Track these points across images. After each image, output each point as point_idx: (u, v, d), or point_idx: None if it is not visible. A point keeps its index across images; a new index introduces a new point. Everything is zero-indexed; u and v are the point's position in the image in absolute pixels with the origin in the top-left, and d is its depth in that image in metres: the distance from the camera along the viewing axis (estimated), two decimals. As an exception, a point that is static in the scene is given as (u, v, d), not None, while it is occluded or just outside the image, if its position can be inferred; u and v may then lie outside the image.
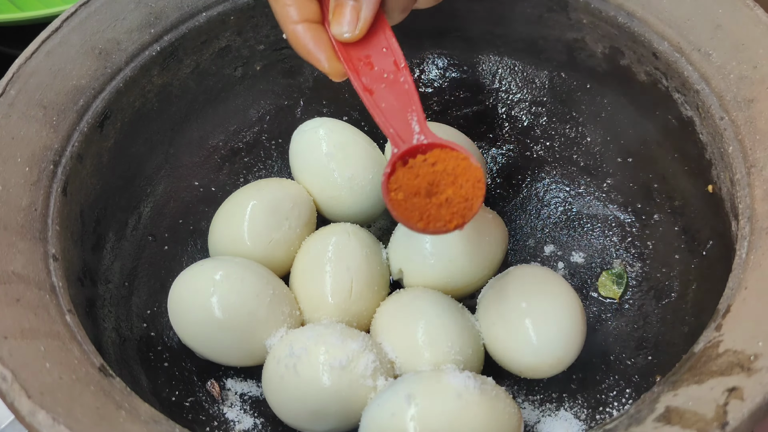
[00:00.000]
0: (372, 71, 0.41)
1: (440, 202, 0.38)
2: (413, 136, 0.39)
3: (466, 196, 0.38)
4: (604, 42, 0.53)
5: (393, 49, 0.41)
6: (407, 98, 0.40)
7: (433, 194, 0.38)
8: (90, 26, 0.49)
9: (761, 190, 0.41)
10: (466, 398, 0.41)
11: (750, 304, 0.37)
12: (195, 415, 0.47)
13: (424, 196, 0.38)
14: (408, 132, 0.39)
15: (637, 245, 0.53)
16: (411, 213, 0.38)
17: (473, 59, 0.60)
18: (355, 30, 0.40)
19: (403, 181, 0.38)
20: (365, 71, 0.41)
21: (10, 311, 0.38)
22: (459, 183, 0.38)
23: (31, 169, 0.44)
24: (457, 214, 0.38)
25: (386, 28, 0.41)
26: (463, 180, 0.38)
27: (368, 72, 0.41)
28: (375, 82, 0.41)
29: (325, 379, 0.43)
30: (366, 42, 0.41)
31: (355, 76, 0.41)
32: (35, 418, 0.34)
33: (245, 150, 0.59)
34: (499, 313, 0.47)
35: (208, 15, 0.53)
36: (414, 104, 0.40)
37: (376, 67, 0.41)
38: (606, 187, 0.56)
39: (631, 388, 0.48)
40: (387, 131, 0.39)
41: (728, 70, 0.45)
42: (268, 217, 0.51)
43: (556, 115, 0.58)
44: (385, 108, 0.40)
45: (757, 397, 0.33)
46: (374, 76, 0.41)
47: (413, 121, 0.39)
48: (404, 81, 0.40)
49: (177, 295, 0.48)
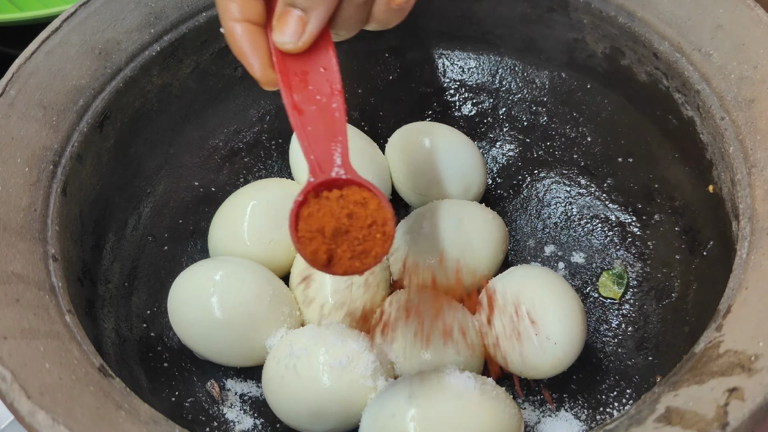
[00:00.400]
0: (305, 89, 0.38)
1: (344, 245, 0.36)
2: (333, 168, 0.37)
3: (371, 244, 0.36)
4: (604, 42, 0.53)
5: (331, 71, 0.39)
6: (335, 127, 0.38)
7: (339, 235, 0.36)
8: (90, 26, 0.49)
9: (762, 191, 0.41)
10: (467, 399, 0.41)
11: (751, 304, 0.37)
12: (195, 415, 0.47)
13: (330, 237, 0.36)
14: (329, 162, 0.37)
15: (637, 245, 0.53)
16: (315, 250, 0.36)
17: (473, 59, 0.60)
18: (298, 41, 0.38)
19: (314, 215, 0.36)
20: (298, 88, 0.38)
21: (10, 311, 0.38)
22: (368, 228, 0.36)
23: (31, 170, 0.44)
24: (359, 259, 0.37)
25: (329, 47, 0.39)
26: (372, 227, 0.36)
27: (301, 89, 0.38)
28: (306, 102, 0.38)
29: (325, 379, 0.43)
30: (306, 57, 0.39)
31: (286, 91, 0.38)
32: (35, 419, 0.34)
33: (245, 150, 0.59)
34: (499, 313, 0.47)
35: (208, 15, 0.53)
36: (341, 134, 0.38)
37: (311, 86, 0.38)
38: (606, 187, 0.56)
39: (632, 388, 0.48)
40: (308, 157, 0.37)
41: (729, 70, 0.45)
42: (268, 217, 0.51)
43: (557, 115, 0.58)
44: (311, 132, 0.37)
45: (757, 397, 0.33)
46: (307, 96, 0.38)
47: (336, 152, 0.37)
48: (336, 108, 0.38)
49: (177, 295, 0.48)
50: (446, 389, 0.41)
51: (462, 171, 0.54)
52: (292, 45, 0.38)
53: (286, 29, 0.38)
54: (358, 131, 0.56)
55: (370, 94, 0.60)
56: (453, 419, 0.40)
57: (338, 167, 0.37)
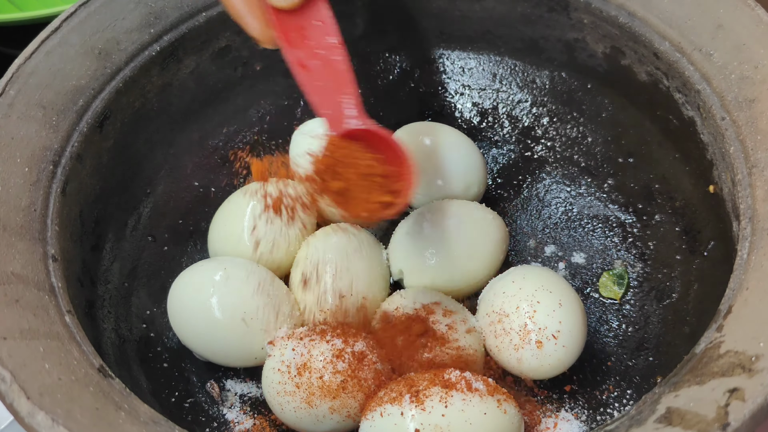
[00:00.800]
0: (305, 45, 0.38)
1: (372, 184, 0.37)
2: (349, 120, 0.37)
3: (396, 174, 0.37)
4: (605, 42, 0.53)
5: (327, 23, 0.38)
6: (343, 79, 0.37)
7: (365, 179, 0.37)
8: (89, 26, 0.49)
9: (763, 191, 0.41)
10: (467, 399, 0.41)
11: (751, 304, 0.37)
12: (195, 416, 0.47)
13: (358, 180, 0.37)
14: (343, 114, 0.37)
15: (638, 246, 0.53)
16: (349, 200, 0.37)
17: (473, 59, 0.60)
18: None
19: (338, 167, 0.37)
20: (298, 43, 0.38)
21: (10, 312, 0.38)
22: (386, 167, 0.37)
23: (31, 170, 0.44)
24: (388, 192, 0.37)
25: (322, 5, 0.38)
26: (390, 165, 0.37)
27: (301, 45, 0.38)
28: (309, 58, 0.38)
29: (326, 379, 0.43)
30: (300, 12, 0.38)
31: (288, 48, 0.38)
32: (34, 419, 0.34)
33: (245, 150, 0.59)
34: (499, 314, 0.47)
35: (208, 15, 0.53)
36: (350, 86, 0.37)
37: (310, 41, 0.38)
38: (607, 187, 0.56)
39: (632, 389, 0.48)
40: (321, 113, 0.37)
41: (729, 70, 0.45)
42: (267, 217, 0.51)
43: (557, 115, 0.58)
44: (321, 87, 0.37)
45: (758, 398, 0.33)
46: (308, 51, 0.38)
47: (349, 103, 0.37)
48: (340, 60, 0.37)
49: (176, 295, 0.48)
50: (446, 390, 0.41)
51: (462, 171, 0.54)
52: (286, 2, 0.38)
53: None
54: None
55: (370, 94, 0.60)
56: (453, 420, 0.40)
57: (354, 119, 0.37)
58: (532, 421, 0.47)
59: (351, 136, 0.37)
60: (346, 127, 0.37)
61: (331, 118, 0.37)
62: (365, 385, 0.44)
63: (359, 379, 0.43)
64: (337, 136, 0.37)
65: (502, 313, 0.47)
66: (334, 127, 0.37)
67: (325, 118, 0.37)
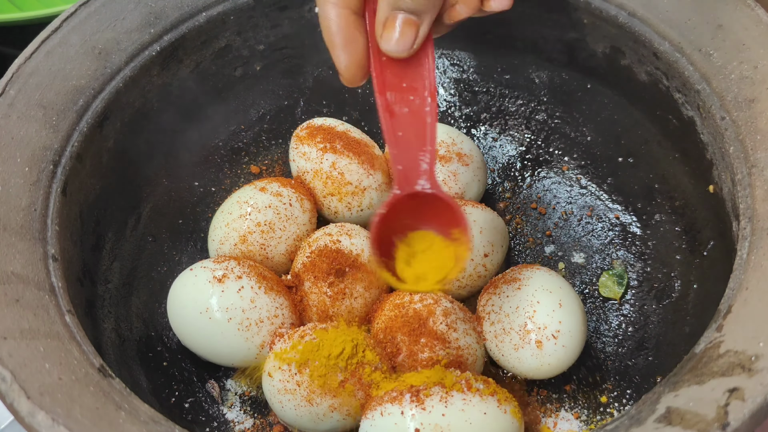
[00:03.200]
0: (400, 88, 0.35)
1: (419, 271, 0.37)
2: (418, 181, 0.35)
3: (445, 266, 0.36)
4: (604, 42, 0.53)
5: (428, 68, 0.35)
6: (426, 135, 0.35)
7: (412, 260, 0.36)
8: (90, 26, 0.49)
9: (762, 191, 0.41)
10: (467, 399, 0.41)
11: (751, 304, 0.37)
12: (195, 415, 0.47)
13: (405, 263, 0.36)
14: (415, 174, 0.35)
15: (637, 245, 0.53)
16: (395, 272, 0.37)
17: (474, 59, 0.60)
18: (410, 48, 0.34)
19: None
20: (393, 86, 0.35)
21: (10, 312, 0.38)
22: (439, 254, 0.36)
23: (31, 169, 0.44)
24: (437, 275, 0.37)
25: (429, 45, 0.36)
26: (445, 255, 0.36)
27: (396, 88, 0.35)
28: (399, 103, 0.35)
29: (326, 377, 0.43)
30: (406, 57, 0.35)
31: (381, 91, 0.35)
32: (35, 419, 0.34)
33: (245, 150, 0.59)
34: (499, 314, 0.47)
35: (208, 15, 0.53)
36: (430, 144, 0.35)
37: (405, 83, 0.35)
38: (607, 187, 0.56)
39: (632, 388, 0.48)
40: (395, 167, 0.35)
41: (729, 70, 0.45)
42: (267, 217, 0.51)
43: (557, 115, 0.58)
44: (401, 138, 0.35)
45: (758, 397, 0.33)
46: (400, 96, 0.35)
47: (424, 162, 0.35)
48: (429, 112, 0.35)
49: (176, 295, 0.48)
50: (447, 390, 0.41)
51: (462, 171, 0.54)
52: (405, 53, 0.35)
53: (396, 36, 0.34)
54: (358, 131, 0.56)
55: (370, 94, 0.60)
56: (453, 420, 0.40)
57: (427, 182, 0.35)
58: (532, 420, 0.47)
59: (415, 197, 0.35)
60: (415, 189, 0.35)
61: (402, 175, 0.35)
62: (365, 383, 0.44)
63: (359, 377, 0.43)
64: (402, 195, 0.35)
65: (502, 313, 0.47)
66: (403, 187, 0.35)
67: (396, 174, 0.35)
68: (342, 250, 0.49)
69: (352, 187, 0.53)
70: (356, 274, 0.49)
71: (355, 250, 0.49)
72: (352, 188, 0.53)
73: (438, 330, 0.46)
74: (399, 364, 0.46)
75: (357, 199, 0.53)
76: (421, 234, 0.38)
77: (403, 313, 0.47)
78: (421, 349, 0.45)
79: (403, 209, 0.36)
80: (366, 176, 0.53)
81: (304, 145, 0.54)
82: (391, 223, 0.36)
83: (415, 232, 0.38)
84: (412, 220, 0.37)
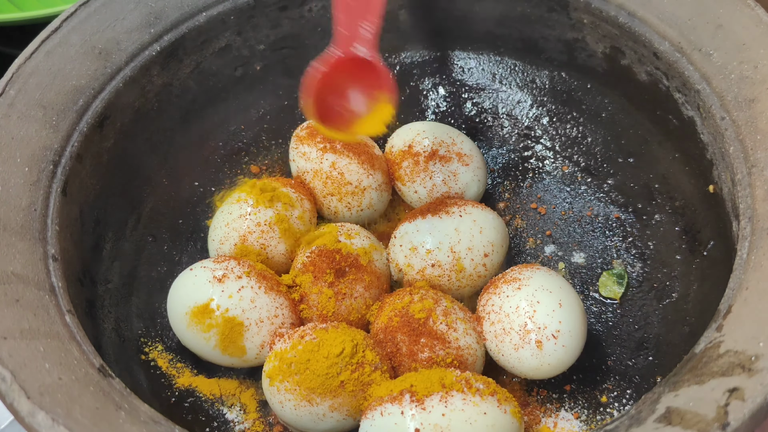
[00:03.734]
0: None
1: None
2: (360, 48, 0.37)
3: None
4: (604, 42, 0.53)
5: None
6: (373, 6, 0.37)
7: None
8: (90, 26, 0.49)
9: (762, 191, 0.41)
10: (467, 399, 0.41)
11: (751, 304, 0.37)
12: (195, 415, 0.47)
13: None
14: (358, 39, 0.37)
15: (638, 245, 0.53)
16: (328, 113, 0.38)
17: (473, 59, 0.60)
18: None
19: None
20: None
21: (10, 311, 0.38)
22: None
23: (31, 169, 0.44)
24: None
25: None
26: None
27: None
28: None
29: (326, 377, 0.43)
30: None
31: None
32: (35, 419, 0.34)
33: (245, 150, 0.59)
34: (499, 314, 0.47)
35: (208, 15, 0.53)
36: (376, 17, 0.37)
37: None
38: (607, 187, 0.56)
39: (632, 388, 0.48)
40: (338, 29, 0.37)
41: (729, 70, 0.45)
42: (267, 217, 0.51)
43: (557, 115, 0.58)
44: (351, 5, 0.37)
45: (758, 397, 0.33)
46: None
47: (367, 31, 0.37)
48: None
49: (176, 295, 0.48)
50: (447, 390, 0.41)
51: (462, 170, 0.54)
52: None
53: None
54: (358, 131, 0.56)
55: (370, 94, 0.60)
56: (454, 420, 0.40)
57: (365, 49, 0.37)
58: (532, 420, 0.47)
59: (348, 63, 0.37)
60: (353, 53, 0.37)
61: (344, 38, 0.37)
62: (365, 383, 0.44)
63: (359, 377, 0.43)
64: (340, 58, 0.37)
65: (502, 313, 0.47)
66: (342, 48, 0.37)
67: (338, 36, 0.37)
68: (342, 250, 0.49)
69: (351, 187, 0.53)
70: (356, 274, 0.49)
71: (355, 250, 0.49)
72: (351, 188, 0.53)
73: (438, 330, 0.46)
74: (399, 364, 0.46)
75: (357, 199, 0.53)
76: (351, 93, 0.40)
77: (403, 312, 0.47)
78: (421, 349, 0.45)
79: (338, 71, 0.39)
80: (366, 176, 0.53)
81: (304, 145, 0.54)
82: (326, 81, 0.39)
83: (345, 91, 0.40)
84: (342, 82, 0.39)
